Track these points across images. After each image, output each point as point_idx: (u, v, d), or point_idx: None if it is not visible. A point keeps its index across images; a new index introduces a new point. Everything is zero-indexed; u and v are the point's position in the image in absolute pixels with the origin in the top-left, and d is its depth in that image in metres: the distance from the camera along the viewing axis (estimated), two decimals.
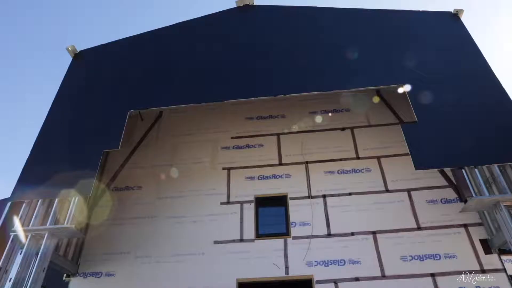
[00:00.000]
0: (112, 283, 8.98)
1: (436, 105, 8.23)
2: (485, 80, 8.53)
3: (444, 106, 8.23)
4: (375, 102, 10.91)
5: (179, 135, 11.50)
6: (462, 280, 7.48)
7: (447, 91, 8.44)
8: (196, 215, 9.83)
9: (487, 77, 8.56)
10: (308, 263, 8.78)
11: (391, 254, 8.65)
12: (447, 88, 8.50)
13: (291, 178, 10.23)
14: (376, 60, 9.29)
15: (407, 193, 9.48)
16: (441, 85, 8.57)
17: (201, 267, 8.98)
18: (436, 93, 8.43)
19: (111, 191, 10.35)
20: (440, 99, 8.32)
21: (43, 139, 8.90)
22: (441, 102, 8.28)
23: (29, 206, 7.88)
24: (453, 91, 8.43)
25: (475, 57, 9.05)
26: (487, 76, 8.57)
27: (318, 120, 10.74)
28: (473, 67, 8.81)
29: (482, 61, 8.88)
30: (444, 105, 8.24)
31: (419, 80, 8.63)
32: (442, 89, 8.50)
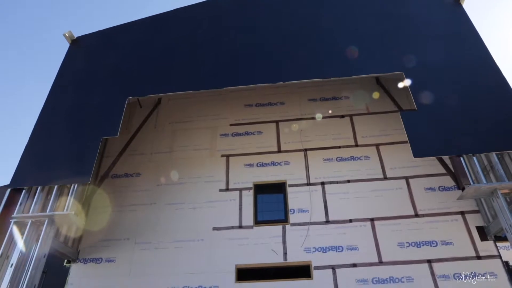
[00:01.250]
0: (112, 269, 9.07)
1: (435, 93, 8.20)
2: (485, 68, 8.48)
3: (443, 93, 8.20)
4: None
5: (178, 122, 11.48)
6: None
7: (447, 79, 8.41)
8: (195, 202, 9.88)
9: (488, 64, 8.50)
10: (306, 249, 8.86)
11: (388, 240, 8.74)
12: (447, 76, 8.46)
13: (290, 165, 10.26)
14: (376, 47, 9.22)
15: (405, 180, 9.53)
16: (441, 72, 8.53)
17: (200, 254, 9.07)
18: (436, 80, 8.40)
19: (110, 178, 10.38)
20: (440, 87, 8.29)
21: (41, 127, 8.87)
22: (441, 89, 8.25)
23: (28, 193, 7.89)
24: (453, 78, 8.39)
25: (476, 44, 8.98)
26: (487, 63, 8.52)
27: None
28: (474, 54, 8.75)
29: (483, 48, 8.81)
30: (443, 92, 8.21)
31: (419, 68, 8.58)
32: (442, 76, 8.47)
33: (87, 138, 8.40)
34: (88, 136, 8.42)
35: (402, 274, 8.27)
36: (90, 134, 8.44)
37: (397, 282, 8.20)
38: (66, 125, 8.81)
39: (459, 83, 8.31)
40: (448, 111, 7.94)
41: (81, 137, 8.51)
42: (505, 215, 6.90)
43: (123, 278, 8.90)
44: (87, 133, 8.52)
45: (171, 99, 11.92)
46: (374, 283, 8.26)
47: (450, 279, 8.09)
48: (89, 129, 8.55)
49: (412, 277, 8.22)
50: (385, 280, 8.25)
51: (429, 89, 8.23)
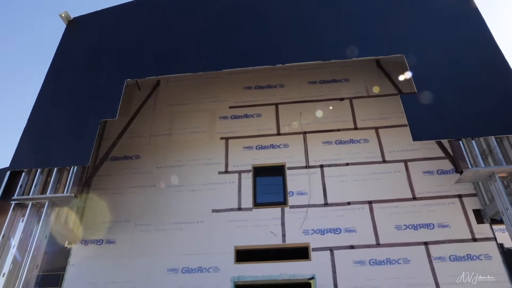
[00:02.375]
0: (113, 250, 9.19)
1: (436, 76, 8.15)
2: (487, 51, 8.37)
3: (444, 77, 8.14)
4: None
5: (176, 104, 11.43)
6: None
7: (448, 62, 8.33)
8: (194, 184, 9.93)
9: (490, 47, 8.39)
10: (305, 231, 8.97)
11: (386, 223, 8.84)
12: (448, 59, 8.38)
13: (289, 148, 10.27)
14: (377, 29, 9.10)
15: (403, 163, 9.57)
16: (442, 55, 8.44)
17: (199, 235, 9.17)
18: (436, 63, 8.33)
19: (110, 161, 10.41)
20: (441, 70, 8.23)
21: (39, 109, 8.82)
22: (442, 73, 8.19)
23: (28, 175, 7.92)
24: (454, 61, 8.31)
25: (478, 26, 8.84)
26: (489, 46, 8.40)
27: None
28: (476, 36, 8.63)
29: (485, 30, 8.68)
30: (444, 75, 8.15)
31: (420, 50, 8.49)
32: (443, 59, 8.39)
33: (86, 121, 8.36)
34: (87, 119, 8.38)
35: (398, 256, 8.40)
36: (89, 116, 8.40)
37: (394, 263, 8.34)
38: (64, 108, 8.76)
39: (460, 66, 8.24)
40: (448, 95, 7.90)
41: (79, 120, 8.48)
42: (501, 198, 6.96)
43: (123, 259, 9.02)
44: (86, 115, 8.48)
45: (170, 82, 11.85)
46: (371, 264, 8.39)
47: (445, 261, 8.23)
48: (88, 112, 8.50)
49: (408, 258, 8.35)
50: (382, 262, 8.38)
51: (430, 72, 8.18)
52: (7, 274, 6.75)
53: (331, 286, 8.21)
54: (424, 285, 8.03)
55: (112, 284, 8.71)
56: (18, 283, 6.75)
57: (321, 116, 10.45)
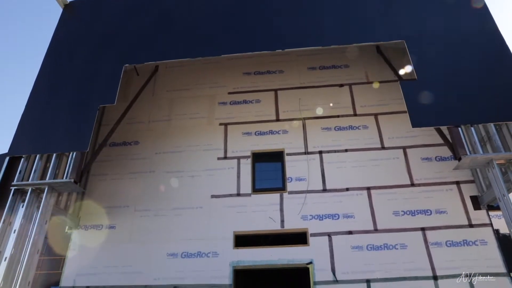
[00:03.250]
0: (113, 235, 9.27)
1: (436, 63, 8.10)
2: (488, 38, 8.28)
3: (444, 63, 8.10)
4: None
5: (175, 90, 11.37)
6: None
7: (448, 48, 8.26)
8: (193, 170, 9.96)
9: (492, 34, 8.29)
10: (303, 217, 9.04)
11: (384, 209, 8.91)
12: (449, 45, 8.31)
13: (288, 134, 10.28)
14: (377, 15, 9.00)
15: (402, 150, 9.60)
16: (442, 41, 8.37)
17: (198, 221, 9.24)
18: (437, 50, 8.27)
19: (109, 147, 10.41)
20: (441, 57, 8.17)
21: (37, 94, 8.76)
22: (442, 59, 8.14)
23: (27, 161, 7.93)
24: (455, 48, 8.25)
25: (480, 13, 8.74)
26: (491, 33, 8.31)
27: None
28: (477, 23, 8.54)
29: (488, 17, 8.58)
30: (444, 62, 8.10)
31: (421, 36, 8.42)
32: (443, 46, 8.32)
33: (84, 106, 8.32)
34: (85, 104, 8.35)
35: (396, 241, 8.50)
36: (87, 102, 8.36)
37: (391, 248, 8.44)
38: (62, 93, 8.70)
39: (461, 53, 8.18)
40: (448, 81, 7.87)
41: (78, 105, 8.44)
42: (499, 185, 7.01)
43: (123, 244, 9.11)
44: (84, 101, 8.43)
45: (168, 67, 11.75)
46: (368, 249, 8.49)
47: (442, 246, 8.33)
48: (86, 97, 8.45)
49: (405, 244, 8.45)
50: (380, 247, 8.48)
51: (430, 59, 8.13)
52: (8, 258, 6.83)
53: (329, 271, 8.33)
54: (420, 269, 8.15)
55: (112, 268, 8.81)
56: (19, 267, 6.82)
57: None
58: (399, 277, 8.12)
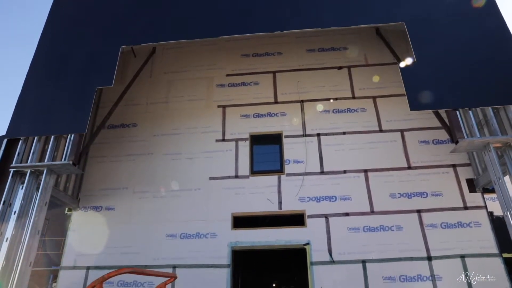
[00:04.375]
0: (112, 216, 9.37)
1: (436, 45, 8.04)
2: (489, 21, 8.19)
3: (443, 46, 8.04)
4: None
5: (173, 72, 11.28)
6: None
7: (448, 31, 8.19)
8: (191, 152, 9.99)
9: (493, 17, 8.21)
10: (301, 198, 9.14)
11: (380, 191, 9.01)
12: (448, 28, 8.23)
13: (286, 116, 10.28)
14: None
15: (400, 133, 9.64)
16: (442, 24, 8.29)
17: (197, 202, 9.33)
18: (436, 32, 8.19)
19: (107, 129, 10.39)
20: (441, 39, 8.10)
21: (34, 76, 8.65)
22: (441, 42, 8.07)
23: (25, 143, 7.91)
24: (454, 31, 8.17)
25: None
26: (492, 16, 8.23)
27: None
28: (478, 6, 8.45)
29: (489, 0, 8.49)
30: (444, 45, 8.04)
31: (420, 19, 8.33)
32: (443, 28, 8.24)
33: (82, 88, 8.25)
34: (82, 86, 8.27)
35: (392, 223, 8.63)
36: (84, 84, 8.28)
37: (387, 230, 8.58)
38: (59, 75, 8.61)
39: (461, 36, 8.11)
40: (447, 65, 7.83)
41: (75, 87, 8.36)
42: (495, 168, 7.08)
43: (123, 225, 9.21)
44: (81, 82, 8.35)
45: (166, 48, 11.62)
46: (365, 231, 8.63)
47: (437, 228, 8.48)
48: (83, 79, 8.37)
49: (401, 225, 8.59)
50: (376, 229, 8.62)
51: (430, 42, 8.06)
52: (10, 238, 6.90)
53: (325, 251, 8.48)
54: (415, 250, 8.31)
55: (112, 249, 8.94)
56: (21, 247, 6.90)
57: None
58: (394, 257, 8.29)
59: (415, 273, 8.11)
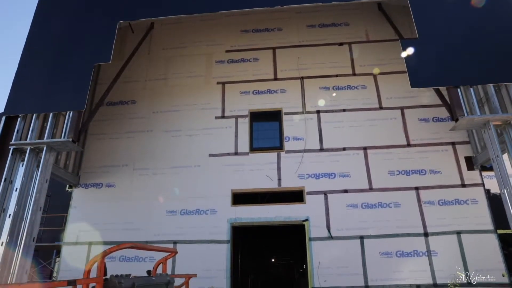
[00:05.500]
0: (113, 193, 9.45)
1: (438, 22, 7.90)
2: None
3: (446, 23, 7.90)
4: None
5: (172, 48, 11.12)
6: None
7: (451, 8, 8.02)
8: (191, 129, 9.99)
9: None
10: (300, 175, 9.20)
11: (379, 168, 9.07)
12: (451, 5, 8.06)
13: (286, 93, 10.22)
14: None
15: (400, 111, 9.61)
16: (445, 1, 8.11)
17: (197, 179, 9.40)
18: (439, 9, 8.03)
19: (106, 106, 10.34)
20: (443, 16, 7.95)
21: (30, 53, 8.50)
22: (444, 18, 7.93)
23: (24, 121, 7.89)
24: (457, 8, 8.00)
25: None
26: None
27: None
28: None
29: None
30: (446, 22, 7.90)
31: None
32: (446, 5, 8.06)
33: (79, 65, 8.14)
34: (80, 63, 8.16)
35: (390, 200, 8.73)
36: (82, 60, 8.17)
37: (385, 207, 8.68)
38: (56, 51, 8.48)
39: (463, 13, 7.96)
40: (450, 41, 7.71)
41: (72, 64, 8.26)
42: (494, 146, 7.09)
43: (123, 201, 9.31)
44: (79, 59, 8.24)
45: (164, 24, 11.41)
46: (363, 207, 8.74)
47: (434, 205, 8.58)
48: (81, 55, 8.25)
49: (399, 202, 8.69)
50: (374, 205, 8.72)
51: (432, 18, 7.91)
52: (12, 215, 6.98)
53: (324, 227, 8.61)
54: (412, 227, 8.45)
55: (113, 225, 9.07)
56: (23, 223, 7.00)
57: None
58: (392, 233, 8.43)
59: (411, 249, 8.27)
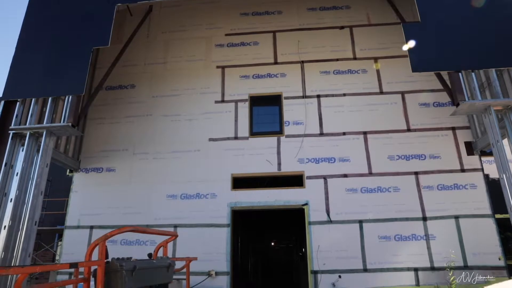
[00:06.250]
0: (113, 177, 9.49)
1: (440, 5, 7.79)
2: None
3: (448, 6, 7.78)
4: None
5: (171, 31, 10.99)
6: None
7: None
8: (190, 113, 9.96)
9: None
10: (300, 160, 9.22)
11: (379, 153, 9.08)
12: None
13: (286, 77, 10.15)
14: None
15: (401, 95, 9.56)
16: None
17: (197, 163, 9.42)
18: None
19: (105, 90, 10.29)
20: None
21: (27, 36, 8.40)
22: (447, 1, 7.81)
23: (23, 105, 7.85)
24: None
25: None
26: None
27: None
28: None
29: None
30: (449, 5, 7.79)
31: None
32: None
33: (78, 48, 8.06)
34: (78, 46, 8.08)
35: (389, 185, 8.76)
36: (80, 44, 8.08)
37: (384, 191, 8.73)
38: (54, 35, 8.38)
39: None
40: (452, 25, 7.62)
41: (70, 48, 8.17)
42: (494, 131, 7.08)
43: (124, 186, 9.35)
44: (77, 43, 8.15)
45: (163, 7, 11.25)
46: (362, 192, 8.78)
47: (433, 190, 8.63)
48: (79, 39, 8.17)
49: (398, 187, 8.73)
50: (373, 190, 8.77)
51: (435, 1, 7.80)
52: (14, 199, 7.03)
53: (323, 211, 8.67)
54: (411, 211, 8.51)
55: (114, 209, 9.13)
56: (25, 208, 7.05)
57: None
58: (390, 218, 8.49)
59: (409, 233, 8.35)
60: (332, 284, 8.12)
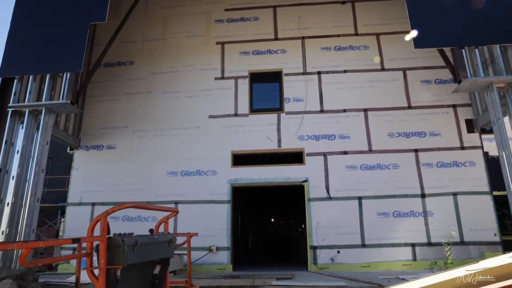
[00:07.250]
0: (114, 155, 9.52)
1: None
2: None
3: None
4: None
5: (169, 6, 10.76)
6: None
7: None
8: (190, 90, 9.89)
9: None
10: (300, 137, 9.22)
11: (379, 130, 9.07)
12: None
13: (286, 53, 10.03)
14: None
15: (402, 72, 9.46)
16: None
17: (197, 140, 9.43)
18: None
19: (103, 67, 10.18)
20: None
21: (22, 12, 8.22)
22: None
23: (21, 83, 7.78)
24: None
25: None
26: None
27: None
28: None
29: None
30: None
31: None
32: None
33: (74, 25, 7.91)
34: (75, 22, 7.92)
35: (389, 162, 8.80)
36: (77, 20, 7.92)
37: (384, 168, 8.77)
38: (49, 10, 8.21)
39: None
40: (457, 0, 7.45)
41: (67, 24, 8.01)
42: (495, 108, 7.04)
43: (124, 163, 9.39)
44: (74, 19, 7.99)
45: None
46: (362, 169, 8.83)
47: (433, 167, 8.67)
48: (75, 15, 8.00)
49: (398, 164, 8.76)
50: (373, 167, 8.81)
51: None
52: (16, 177, 7.07)
53: (323, 188, 8.74)
54: (410, 188, 8.58)
55: (115, 186, 9.20)
56: (27, 185, 7.10)
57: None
58: (389, 194, 8.57)
59: (408, 209, 8.45)
60: (331, 259, 8.28)
